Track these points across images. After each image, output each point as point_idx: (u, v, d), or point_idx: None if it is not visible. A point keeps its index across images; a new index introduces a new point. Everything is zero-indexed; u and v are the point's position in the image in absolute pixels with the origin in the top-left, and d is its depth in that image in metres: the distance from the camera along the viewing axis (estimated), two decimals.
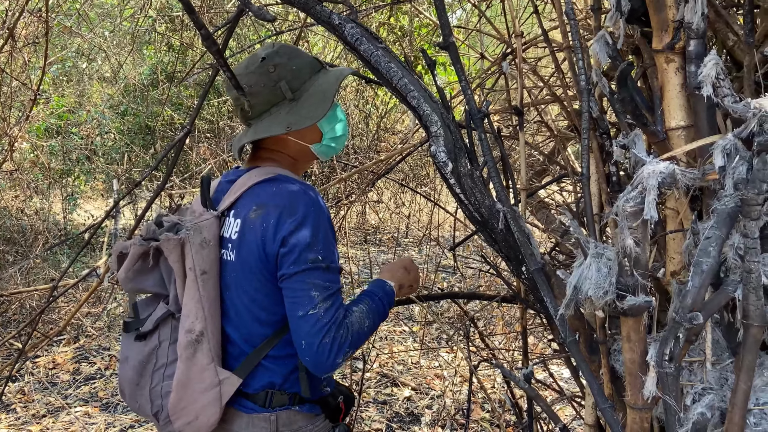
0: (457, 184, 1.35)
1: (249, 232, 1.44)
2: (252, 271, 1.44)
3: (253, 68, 1.50)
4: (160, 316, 1.51)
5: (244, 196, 1.49)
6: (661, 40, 1.24)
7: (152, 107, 7.09)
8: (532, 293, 1.42)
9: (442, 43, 1.46)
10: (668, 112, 1.26)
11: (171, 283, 1.50)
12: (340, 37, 1.42)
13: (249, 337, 1.49)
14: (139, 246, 1.48)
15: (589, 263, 0.95)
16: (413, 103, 1.35)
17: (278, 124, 1.49)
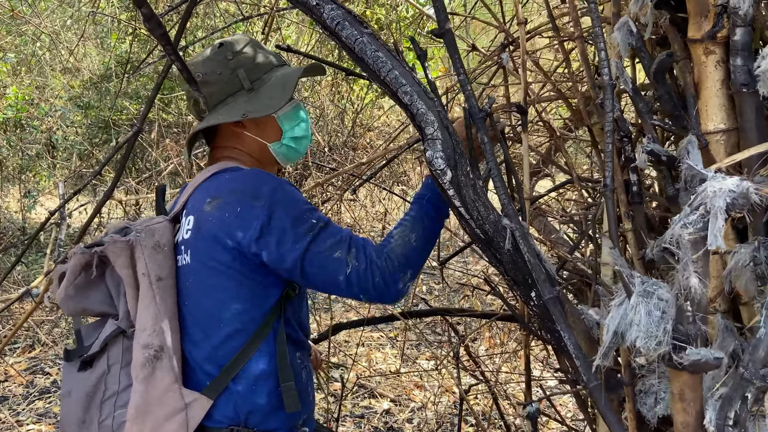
0: (457, 196, 1.14)
1: (207, 226, 1.26)
2: (216, 268, 1.26)
3: (209, 54, 1.36)
4: (108, 334, 1.29)
5: (195, 192, 1.34)
6: (699, 27, 1.05)
7: (113, 100, 6.74)
8: (541, 322, 1.22)
9: (437, 30, 1.26)
10: (705, 113, 1.08)
11: (120, 297, 1.30)
12: (318, 20, 1.20)
13: (214, 354, 1.29)
14: (81, 255, 1.27)
15: (635, 304, 0.76)
16: (405, 100, 1.14)
17: (234, 112, 1.33)
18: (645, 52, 1.16)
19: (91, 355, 1.27)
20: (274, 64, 1.42)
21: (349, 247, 1.25)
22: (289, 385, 1.32)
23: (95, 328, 1.35)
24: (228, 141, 1.42)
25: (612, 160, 1.11)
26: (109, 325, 1.29)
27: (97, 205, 1.40)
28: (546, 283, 1.09)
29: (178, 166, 3.89)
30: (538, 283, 1.10)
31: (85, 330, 1.36)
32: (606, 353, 0.79)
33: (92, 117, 6.96)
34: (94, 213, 1.41)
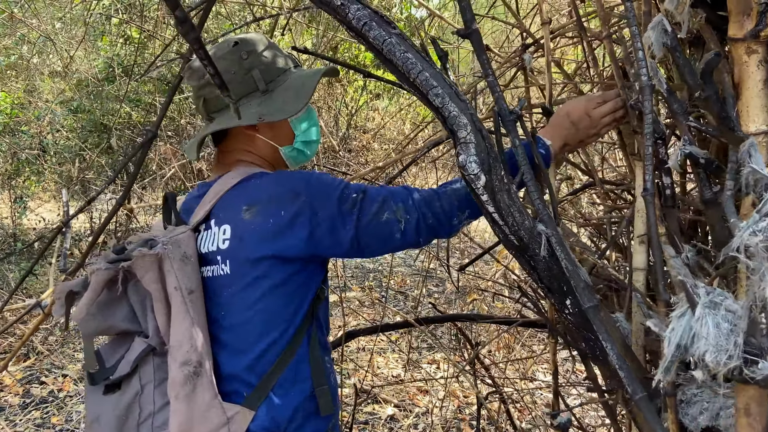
0: (491, 202, 1.10)
1: (249, 234, 1.23)
2: (260, 277, 1.23)
3: (223, 53, 1.30)
4: (139, 353, 1.23)
5: (222, 201, 1.29)
6: (741, 26, 1.02)
7: (107, 104, 6.65)
8: (577, 331, 1.19)
9: (463, 30, 1.21)
10: (746, 114, 1.04)
11: (147, 313, 1.24)
12: (342, 21, 1.16)
13: (256, 364, 1.26)
14: (105, 271, 1.20)
15: (700, 316, 0.72)
16: (436, 102, 1.10)
17: (248, 115, 1.28)
18: (680, 52, 1.13)
19: (117, 380, 1.21)
20: (290, 65, 1.38)
21: (395, 205, 1.25)
22: (324, 388, 1.31)
23: (115, 348, 1.29)
24: (239, 143, 1.37)
25: (651, 163, 1.08)
26: (138, 343, 1.23)
27: (109, 213, 1.34)
28: (586, 291, 1.06)
29: (180, 170, 3.83)
30: (577, 290, 1.06)
31: (103, 351, 1.29)
32: (668, 367, 0.75)
33: (84, 120, 6.87)
34: (107, 221, 1.35)
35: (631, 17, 1.10)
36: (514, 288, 2.90)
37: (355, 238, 1.24)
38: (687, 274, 0.74)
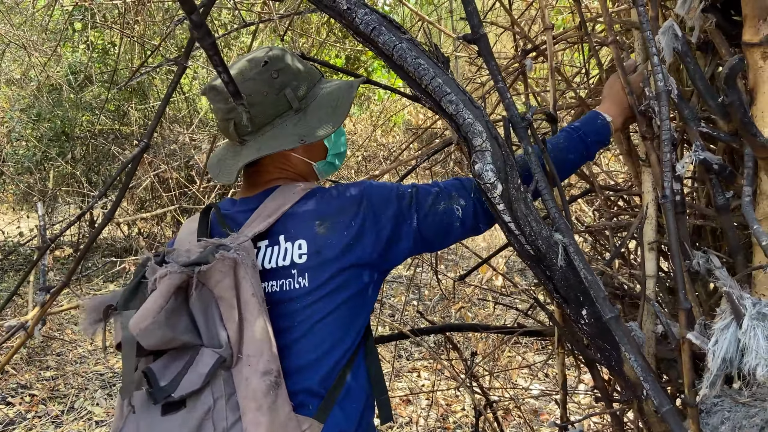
0: (508, 211, 1.07)
1: (328, 249, 1.22)
2: (339, 285, 1.22)
3: (253, 74, 1.24)
4: (212, 365, 1.12)
5: (288, 217, 1.26)
6: (757, 31, 1.01)
7: (70, 111, 6.44)
8: (592, 341, 1.17)
9: (470, 35, 1.19)
10: (761, 119, 1.04)
11: (213, 322, 1.15)
12: (349, 26, 1.12)
13: (327, 376, 1.22)
14: (178, 275, 1.11)
15: (748, 328, 0.70)
16: (450, 110, 1.07)
17: (287, 137, 1.24)
18: (691, 57, 1.12)
19: (185, 394, 1.10)
20: (317, 78, 1.34)
21: (448, 194, 1.25)
22: (385, 398, 1.29)
23: (166, 365, 1.17)
24: (274, 162, 1.33)
25: (671, 170, 1.07)
26: (209, 355, 1.12)
27: (97, 227, 1.27)
28: (606, 301, 1.03)
29: (153, 178, 3.71)
30: (597, 301, 1.04)
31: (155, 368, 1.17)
32: (714, 382, 0.73)
33: (44, 129, 6.64)
34: (95, 235, 1.28)
35: (644, 22, 1.08)
36: (505, 296, 2.89)
37: (419, 232, 1.24)
38: (733, 285, 0.72)
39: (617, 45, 1.26)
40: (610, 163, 3.10)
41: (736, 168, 1.32)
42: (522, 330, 1.53)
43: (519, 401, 2.72)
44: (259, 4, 2.70)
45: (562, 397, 1.35)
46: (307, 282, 1.21)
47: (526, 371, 3.74)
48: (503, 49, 3.43)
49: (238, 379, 1.12)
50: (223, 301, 1.13)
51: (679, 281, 1.02)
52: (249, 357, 1.12)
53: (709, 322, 0.95)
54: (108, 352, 4.21)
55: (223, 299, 1.13)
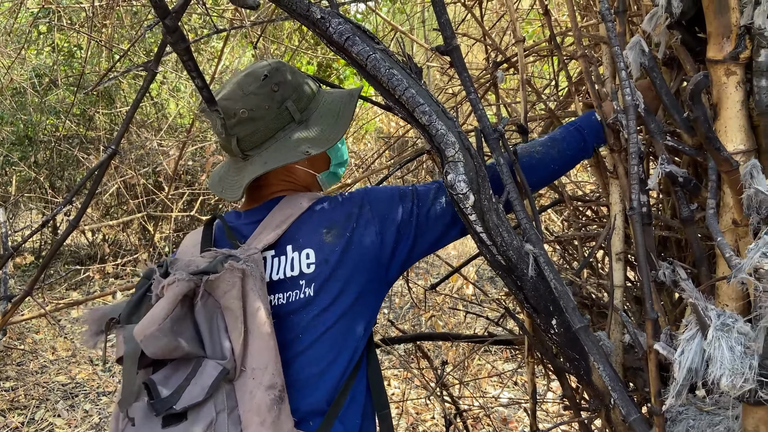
0: (479, 222, 1.08)
1: (335, 257, 1.21)
2: (345, 291, 1.21)
3: (253, 88, 1.22)
4: (216, 377, 1.10)
5: (296, 226, 1.25)
6: (721, 48, 1.05)
7: (34, 115, 6.29)
8: (562, 350, 1.18)
9: (443, 46, 1.20)
10: (724, 134, 1.07)
11: (217, 333, 1.13)
12: (323, 35, 1.12)
13: (329, 388, 1.20)
14: (186, 282, 1.09)
15: (713, 339, 0.71)
16: (423, 120, 1.07)
17: (292, 150, 1.23)
18: (657, 73, 1.15)
19: (187, 406, 1.08)
20: (314, 88, 1.33)
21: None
22: (387, 412, 1.28)
23: (167, 377, 1.14)
24: (277, 175, 1.32)
25: (638, 183, 1.09)
26: (212, 367, 1.10)
27: (62, 235, 1.24)
28: (575, 311, 1.05)
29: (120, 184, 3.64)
30: (567, 311, 1.05)
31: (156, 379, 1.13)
32: (680, 391, 0.74)
33: (5, 132, 6.48)
34: (59, 243, 1.25)
35: (612, 37, 1.11)
36: (475, 304, 2.90)
37: (424, 228, 1.24)
38: (699, 297, 0.74)
39: (586, 58, 1.28)
40: (578, 174, 3.15)
41: (700, 181, 1.35)
42: (492, 339, 1.54)
43: (488, 410, 2.74)
44: (230, 10, 2.68)
45: (532, 405, 1.36)
46: (313, 292, 1.20)
47: (496, 379, 3.76)
48: (475, 59, 3.47)
49: (241, 392, 1.11)
50: (230, 311, 1.11)
51: (645, 291, 1.04)
52: (254, 370, 1.11)
53: (674, 332, 0.97)
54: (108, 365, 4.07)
55: (230, 310, 1.11)
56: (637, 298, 1.52)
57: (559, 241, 1.59)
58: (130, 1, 3.64)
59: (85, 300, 2.40)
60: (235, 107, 1.21)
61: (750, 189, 0.82)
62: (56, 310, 2.46)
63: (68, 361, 4.50)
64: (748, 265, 0.72)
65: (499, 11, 2.28)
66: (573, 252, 1.61)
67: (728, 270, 1.06)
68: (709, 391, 0.75)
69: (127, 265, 5.65)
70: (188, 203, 6.33)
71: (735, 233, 1.05)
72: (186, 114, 6.64)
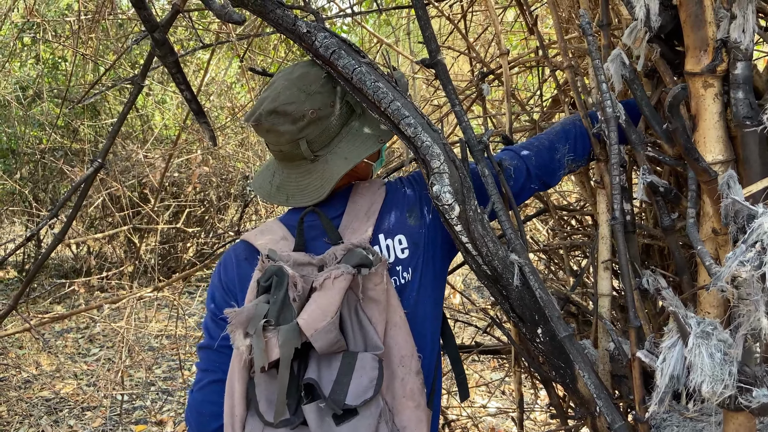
0: (465, 232, 1.09)
1: (421, 237, 1.24)
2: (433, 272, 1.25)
3: (316, 87, 1.19)
4: (379, 368, 1.10)
5: (381, 215, 1.25)
6: (698, 61, 1.07)
7: (18, 127, 6.25)
8: (548, 359, 1.19)
9: (428, 60, 1.22)
10: (702, 145, 1.09)
11: (363, 325, 1.13)
12: (309, 49, 1.13)
13: (432, 366, 1.26)
14: (349, 274, 1.09)
15: (693, 346, 0.73)
16: (408, 132, 1.09)
17: (365, 141, 1.22)
18: (638, 84, 1.17)
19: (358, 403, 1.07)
20: None
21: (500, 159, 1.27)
22: (464, 377, 1.34)
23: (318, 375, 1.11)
24: None
25: (619, 193, 1.11)
26: (370, 359, 1.10)
27: (47, 249, 1.24)
28: (560, 320, 1.06)
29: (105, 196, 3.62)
30: (552, 320, 1.07)
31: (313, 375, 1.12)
32: (662, 398, 0.75)
33: None
34: (44, 257, 1.24)
35: (593, 50, 1.13)
36: (462, 313, 2.91)
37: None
38: (679, 305, 0.75)
39: (572, 70, 1.30)
40: (563, 184, 3.18)
41: (681, 190, 1.38)
42: (479, 348, 1.55)
43: (476, 419, 2.74)
44: (216, 23, 2.69)
45: (519, 414, 1.37)
46: (410, 275, 1.23)
47: (484, 389, 3.77)
48: (460, 70, 3.50)
49: (387, 380, 1.13)
50: (376, 304, 1.13)
51: (629, 300, 1.05)
52: (403, 357, 1.14)
53: (658, 339, 0.99)
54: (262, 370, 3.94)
55: (376, 302, 1.13)
56: (622, 307, 1.53)
57: (545, 250, 1.61)
58: (115, 14, 3.63)
59: (70, 314, 2.38)
60: (303, 109, 1.18)
61: (727, 199, 0.84)
62: (40, 324, 2.43)
63: (52, 375, 4.44)
64: (726, 274, 0.73)
65: (484, 23, 2.31)
66: (558, 262, 1.62)
67: (709, 278, 1.08)
68: (693, 398, 0.77)
69: (112, 278, 5.60)
70: (174, 215, 6.30)
71: (715, 242, 1.08)
72: (172, 125, 6.62)
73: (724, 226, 0.88)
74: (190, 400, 1.25)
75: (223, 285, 1.27)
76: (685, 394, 0.80)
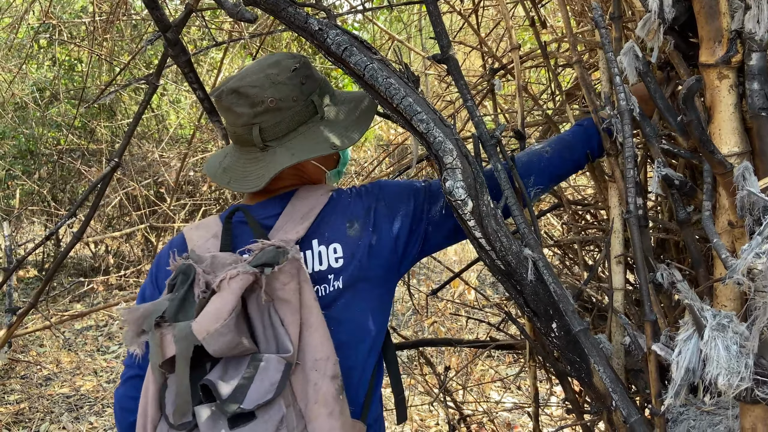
0: (478, 227, 1.09)
1: (362, 250, 1.22)
2: (372, 286, 1.23)
3: (283, 78, 1.21)
4: (283, 372, 1.07)
5: (321, 220, 1.24)
6: (713, 52, 1.06)
7: (36, 129, 6.33)
8: (563, 354, 1.19)
9: (439, 55, 1.22)
10: (718, 137, 1.08)
11: (275, 327, 1.10)
12: (321, 46, 1.13)
13: (365, 379, 1.24)
14: (248, 274, 1.05)
15: (709, 339, 0.72)
16: (421, 128, 1.09)
17: (318, 144, 1.22)
18: (651, 77, 1.17)
19: (260, 405, 1.04)
20: (332, 89, 1.34)
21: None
22: (402, 398, 1.30)
23: (221, 377, 1.08)
24: (290, 168, 1.28)
25: (634, 186, 1.10)
26: (275, 361, 1.06)
27: (66, 247, 1.26)
28: (575, 314, 1.06)
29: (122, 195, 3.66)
30: (567, 314, 1.07)
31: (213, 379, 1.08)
32: (678, 391, 0.75)
33: (7, 146, 6.51)
34: (63, 256, 1.26)
35: (606, 43, 1.13)
36: (477, 309, 2.91)
37: (436, 225, 1.25)
38: (694, 298, 0.75)
39: (581, 65, 1.30)
40: (576, 179, 3.16)
41: (696, 183, 1.37)
42: (494, 344, 1.55)
43: (492, 414, 2.74)
44: (229, 21, 2.71)
45: (535, 409, 1.37)
46: (342, 285, 1.21)
47: (498, 384, 3.77)
48: (472, 66, 3.49)
49: (302, 385, 1.09)
50: (287, 304, 1.09)
51: (644, 293, 1.05)
52: (317, 361, 1.09)
53: (673, 333, 0.99)
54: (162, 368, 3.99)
55: (287, 302, 1.09)
56: (636, 301, 1.53)
57: (559, 245, 1.61)
58: (129, 15, 3.67)
59: (89, 312, 2.42)
60: (263, 95, 1.19)
61: (743, 191, 0.83)
62: (60, 322, 2.48)
63: (72, 373, 4.51)
64: (742, 266, 0.73)
65: (495, 18, 2.31)
66: (573, 256, 1.62)
67: (725, 271, 1.08)
68: (709, 391, 0.76)
69: (131, 277, 5.67)
70: (190, 213, 6.35)
71: (731, 234, 1.07)
72: (187, 125, 6.68)
73: (740, 219, 0.88)
74: (115, 393, 1.27)
75: (153, 279, 1.28)
76: (701, 388, 0.80)
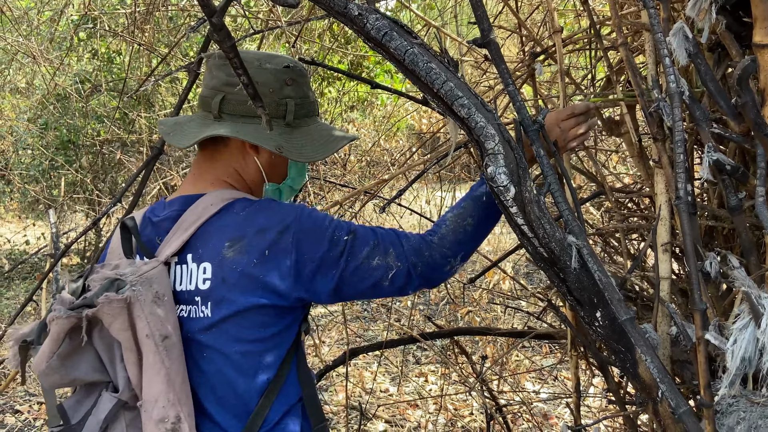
0: (521, 214, 1.07)
1: (234, 276, 1.13)
2: (246, 319, 1.14)
3: (271, 67, 1.22)
4: (109, 411, 1.11)
5: (202, 233, 1.17)
6: (767, 32, 1.02)
7: (76, 120, 6.47)
8: (606, 344, 1.17)
9: (480, 39, 1.19)
10: None
11: (116, 362, 1.13)
12: (360, 32, 1.12)
13: (240, 404, 1.17)
14: (66, 319, 1.07)
15: (766, 327, 0.70)
16: (462, 113, 1.07)
17: (269, 139, 1.20)
18: (701, 59, 1.13)
19: None
20: (316, 113, 1.32)
21: (385, 251, 1.19)
22: (324, 426, 1.27)
23: (81, 402, 1.15)
24: (232, 158, 1.26)
25: (684, 172, 1.07)
26: (107, 399, 1.10)
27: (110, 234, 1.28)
28: (621, 303, 1.03)
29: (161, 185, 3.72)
30: (612, 303, 1.04)
31: (68, 405, 1.16)
32: (733, 381, 0.73)
33: (50, 137, 6.68)
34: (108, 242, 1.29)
35: (655, 24, 1.09)
36: (513, 298, 2.89)
37: (339, 286, 1.17)
38: (751, 285, 0.72)
39: (626, 47, 1.26)
40: (616, 166, 3.10)
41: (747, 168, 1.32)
42: (533, 333, 1.53)
43: (529, 405, 2.72)
44: (264, 10, 2.71)
45: (576, 400, 1.35)
46: (210, 312, 1.14)
47: (534, 375, 3.74)
48: (509, 53, 3.44)
49: (143, 424, 1.10)
50: (121, 342, 1.09)
51: (694, 282, 1.02)
52: (145, 403, 1.09)
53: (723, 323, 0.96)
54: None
55: (120, 340, 1.09)
56: (682, 291, 1.49)
57: (600, 233, 1.57)
58: (167, 6, 3.71)
59: None
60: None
61: None
62: None
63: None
64: None
65: (534, 2, 2.27)
66: (615, 245, 1.58)
67: None
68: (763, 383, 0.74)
69: None
70: None
71: None
72: None
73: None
74: None
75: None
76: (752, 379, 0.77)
